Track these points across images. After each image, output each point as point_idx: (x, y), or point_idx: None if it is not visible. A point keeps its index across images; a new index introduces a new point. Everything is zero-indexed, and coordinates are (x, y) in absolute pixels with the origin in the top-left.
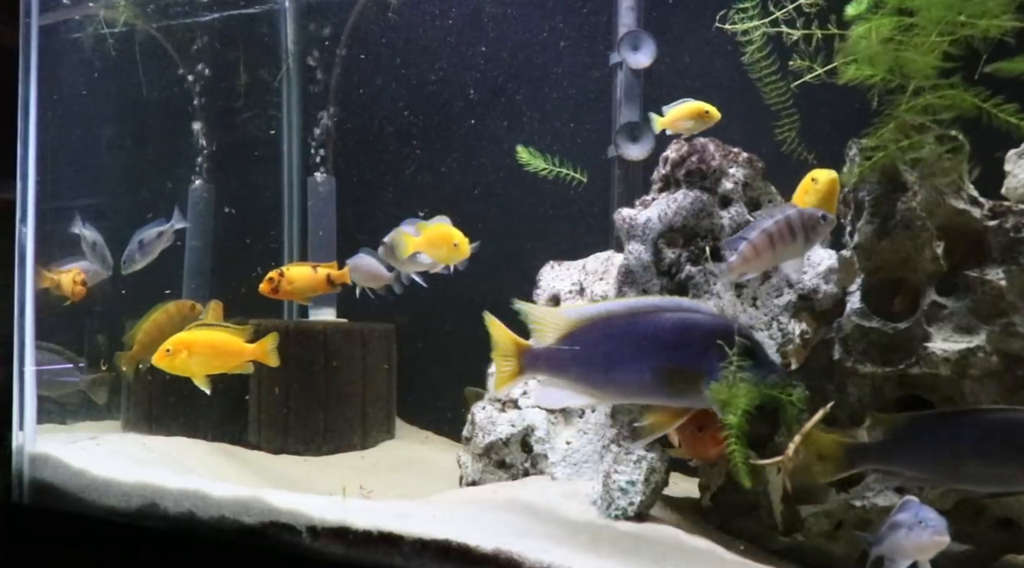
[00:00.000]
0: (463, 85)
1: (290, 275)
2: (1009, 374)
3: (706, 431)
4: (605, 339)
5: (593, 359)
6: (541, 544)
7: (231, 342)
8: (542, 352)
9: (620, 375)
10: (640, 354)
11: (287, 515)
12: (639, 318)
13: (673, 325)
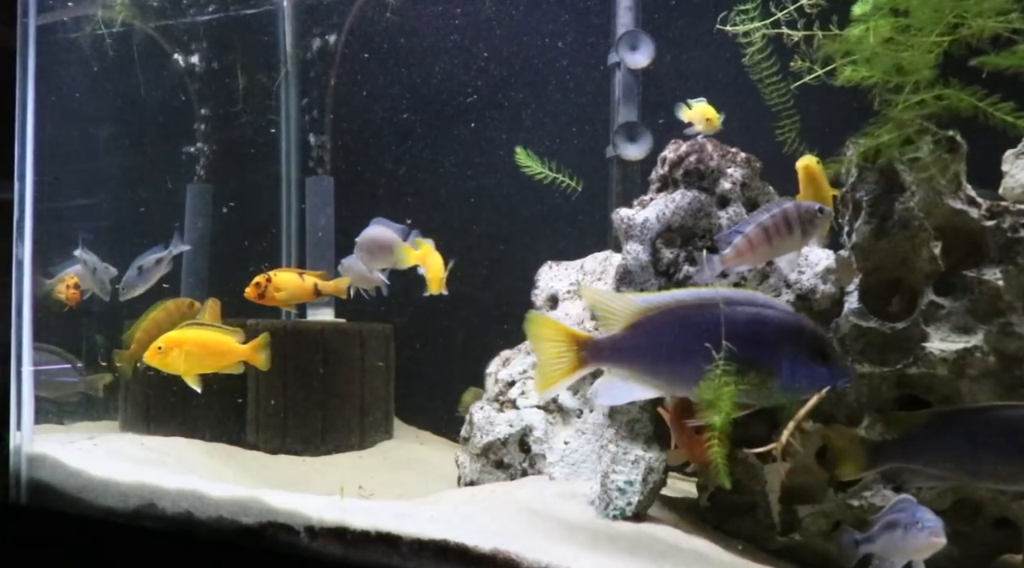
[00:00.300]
0: (462, 85)
1: (278, 281)
2: (1007, 374)
3: (705, 434)
4: (674, 329)
5: (662, 350)
6: (539, 544)
7: (222, 342)
8: (608, 342)
9: (688, 367)
10: (711, 346)
11: (285, 515)
12: (710, 309)
13: (746, 319)
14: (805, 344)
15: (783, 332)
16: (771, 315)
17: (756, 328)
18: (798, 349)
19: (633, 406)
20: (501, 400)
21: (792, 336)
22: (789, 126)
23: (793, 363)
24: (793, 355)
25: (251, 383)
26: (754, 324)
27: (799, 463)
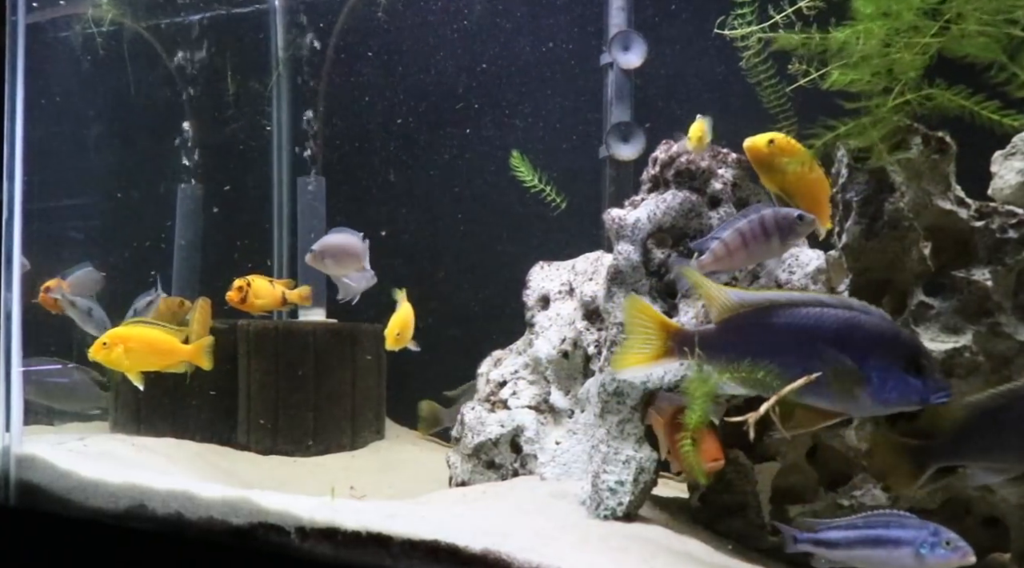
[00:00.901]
0: (454, 85)
1: (256, 288)
2: (995, 374)
3: (698, 445)
4: (765, 328)
5: (751, 347)
6: (530, 544)
7: (166, 341)
8: (699, 334)
9: (776, 368)
10: (800, 348)
11: (276, 516)
12: (803, 310)
13: (838, 322)
14: (899, 353)
15: (875, 339)
16: (864, 320)
17: (847, 333)
18: (891, 358)
19: (624, 406)
20: (492, 400)
21: (885, 344)
22: (787, 126)
23: (884, 373)
24: (885, 365)
25: (242, 383)
26: (845, 329)
27: (790, 463)
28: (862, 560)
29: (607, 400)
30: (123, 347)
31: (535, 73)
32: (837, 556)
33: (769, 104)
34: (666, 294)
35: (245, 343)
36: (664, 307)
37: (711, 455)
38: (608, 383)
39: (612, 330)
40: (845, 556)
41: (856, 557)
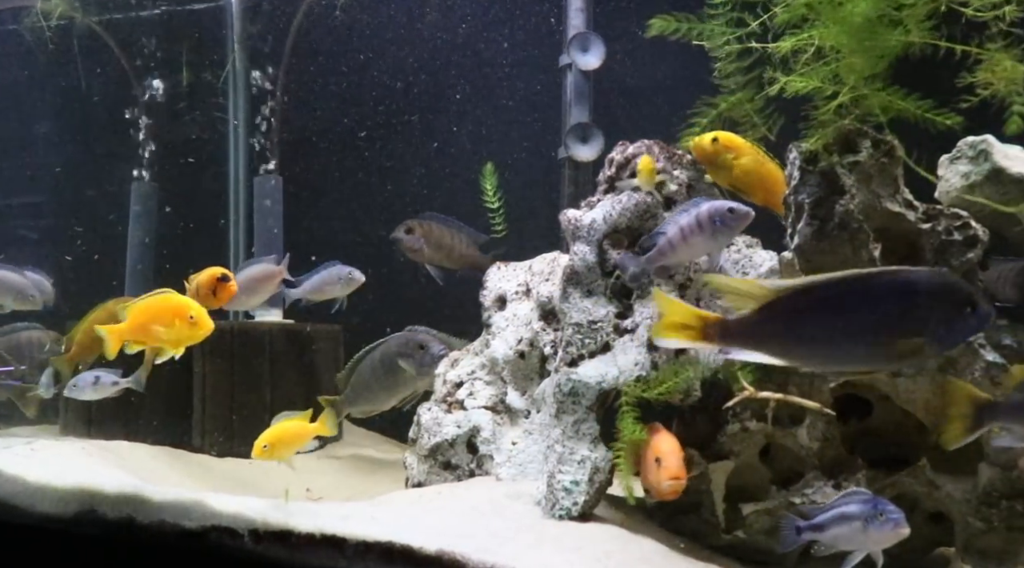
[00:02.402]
0: (412, 84)
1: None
2: (941, 373)
3: (663, 465)
4: (813, 307)
5: (800, 330)
6: (485, 544)
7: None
8: (738, 324)
9: (832, 345)
10: (856, 320)
11: (229, 518)
12: (849, 282)
13: (890, 287)
14: (957, 301)
15: (933, 295)
16: (916, 278)
17: (902, 294)
18: (950, 309)
19: (579, 406)
20: (449, 401)
21: (943, 297)
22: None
23: (947, 325)
24: (947, 317)
25: (197, 385)
26: (900, 290)
27: (743, 462)
28: (831, 539)
29: (562, 400)
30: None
31: (494, 73)
32: (825, 538)
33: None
34: (621, 295)
35: (200, 344)
36: (619, 308)
37: (671, 473)
38: (563, 384)
39: (568, 330)
40: (830, 537)
41: (830, 536)
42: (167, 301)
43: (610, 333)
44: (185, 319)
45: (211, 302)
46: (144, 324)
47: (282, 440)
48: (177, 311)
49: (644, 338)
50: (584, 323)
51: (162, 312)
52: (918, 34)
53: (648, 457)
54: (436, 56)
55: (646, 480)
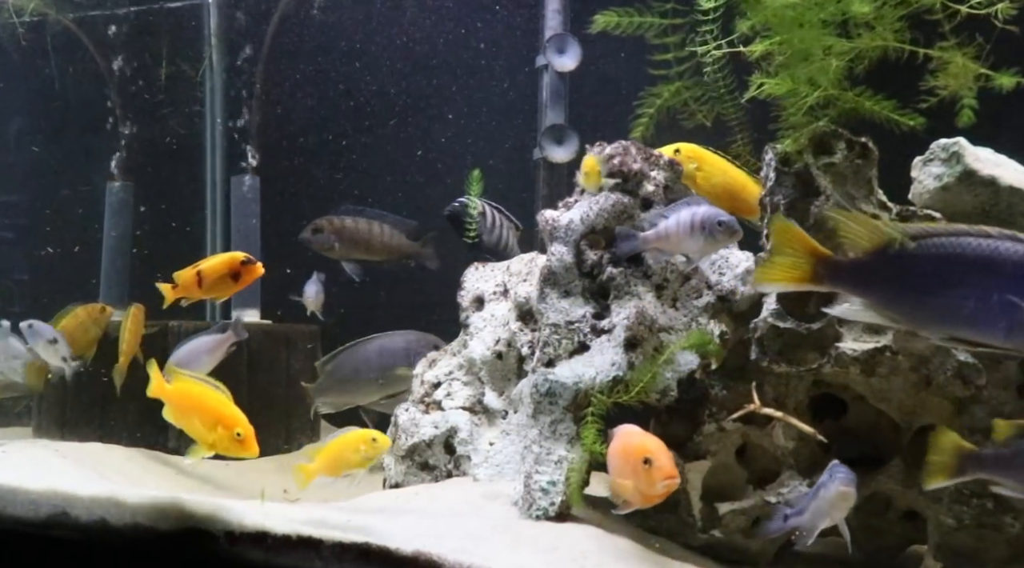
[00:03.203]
0: (390, 84)
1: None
2: (914, 373)
3: (654, 465)
4: (931, 260)
5: (914, 281)
6: (462, 545)
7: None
8: (851, 264)
9: (943, 303)
10: (976, 283)
11: (204, 520)
12: (975, 241)
13: (1017, 256)
14: None
15: None
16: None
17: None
18: None
19: (556, 407)
20: (427, 402)
21: None
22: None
23: None
24: None
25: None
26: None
27: (719, 461)
28: (810, 519)
29: (539, 401)
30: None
31: (471, 74)
32: (804, 521)
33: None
34: (599, 295)
35: (175, 345)
36: (596, 308)
37: (665, 472)
38: (540, 384)
39: (545, 331)
40: (808, 518)
41: (808, 516)
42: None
43: (587, 333)
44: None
45: (226, 288)
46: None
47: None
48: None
49: (621, 338)
50: (561, 323)
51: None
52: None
53: (631, 459)
54: (413, 57)
55: (629, 484)
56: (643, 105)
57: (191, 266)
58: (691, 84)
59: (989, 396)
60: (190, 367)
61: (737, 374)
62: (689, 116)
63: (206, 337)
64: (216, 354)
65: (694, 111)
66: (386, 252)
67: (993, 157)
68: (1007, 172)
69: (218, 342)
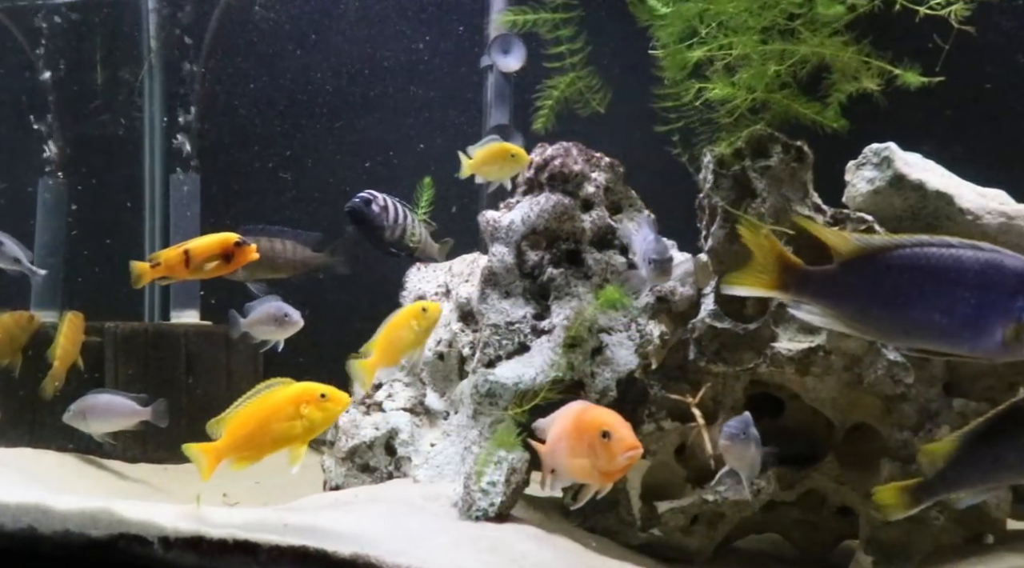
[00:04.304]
0: (334, 83)
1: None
2: (847, 371)
3: (614, 437)
4: (898, 270)
5: (881, 292)
6: (400, 547)
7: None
8: (820, 274)
9: (908, 314)
10: (942, 293)
11: (137, 526)
12: (940, 251)
13: (981, 264)
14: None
15: (1022, 278)
16: (1006, 260)
17: (992, 275)
18: None
19: (496, 407)
20: (367, 403)
21: None
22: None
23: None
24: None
25: (109, 387)
26: (990, 271)
27: (659, 461)
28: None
29: (480, 402)
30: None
31: (416, 74)
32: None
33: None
34: (539, 296)
35: (112, 347)
36: (536, 309)
37: (627, 443)
38: (481, 385)
39: (485, 331)
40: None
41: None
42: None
43: (527, 334)
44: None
45: (216, 269)
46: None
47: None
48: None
49: (561, 339)
50: (502, 324)
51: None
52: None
53: (586, 436)
54: (358, 55)
55: (585, 463)
56: (542, 97)
57: (176, 245)
58: (584, 75)
59: (917, 394)
60: (95, 419)
61: (676, 374)
62: (584, 105)
63: (126, 401)
64: (123, 424)
65: (588, 100)
66: (291, 268)
67: (921, 162)
68: (934, 177)
69: (133, 413)
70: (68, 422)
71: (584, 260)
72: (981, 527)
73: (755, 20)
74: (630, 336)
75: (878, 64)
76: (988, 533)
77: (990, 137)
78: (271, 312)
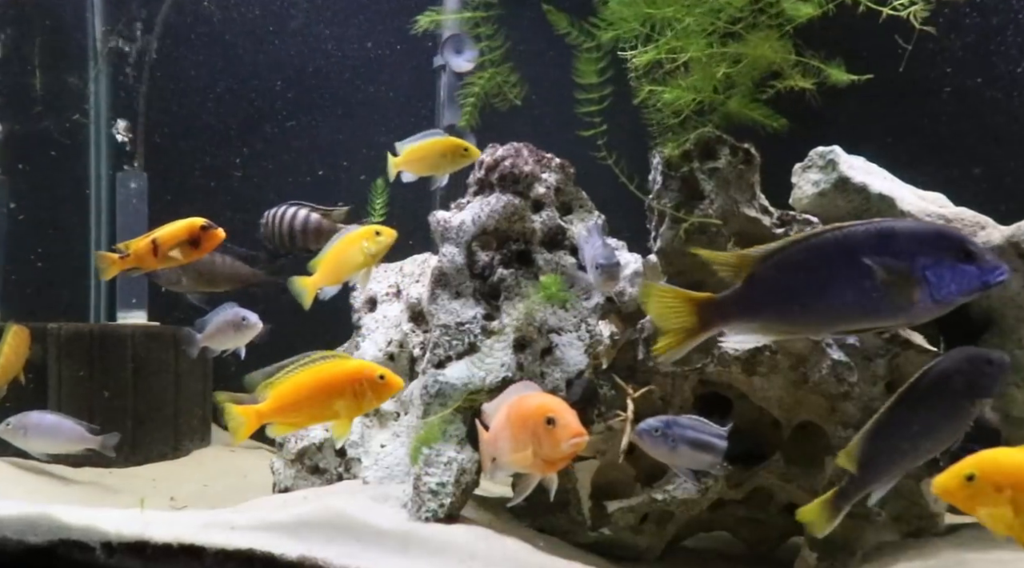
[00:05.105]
0: (285, 81)
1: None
2: (793, 371)
3: (559, 423)
4: (801, 267)
5: (791, 292)
6: (349, 549)
7: None
8: (732, 298)
9: (823, 302)
10: (844, 272)
11: (79, 532)
12: (829, 235)
13: (872, 233)
14: (946, 246)
15: (917, 238)
16: (898, 224)
17: (886, 241)
18: (939, 252)
19: (446, 408)
20: None
21: (928, 240)
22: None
23: (938, 269)
24: (935, 260)
25: (51, 392)
26: (883, 237)
27: (608, 460)
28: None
29: (429, 402)
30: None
31: (368, 73)
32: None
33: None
34: (489, 296)
35: (55, 348)
36: (486, 310)
37: (572, 430)
38: (430, 385)
39: (435, 332)
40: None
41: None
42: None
43: (477, 335)
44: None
45: (184, 255)
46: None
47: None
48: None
49: (511, 339)
50: (452, 325)
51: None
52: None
53: (529, 423)
54: (309, 54)
55: (528, 453)
56: (465, 94)
57: (144, 235)
58: (504, 70)
59: (860, 392)
60: (38, 438)
61: (626, 374)
62: (503, 99)
63: (75, 426)
64: (68, 448)
65: (506, 94)
66: (230, 282)
67: (865, 165)
68: (877, 180)
69: (81, 439)
70: (3, 436)
71: (534, 260)
72: (920, 523)
73: (700, 23)
74: (580, 336)
75: (813, 64)
76: (927, 528)
77: (930, 140)
78: (228, 319)
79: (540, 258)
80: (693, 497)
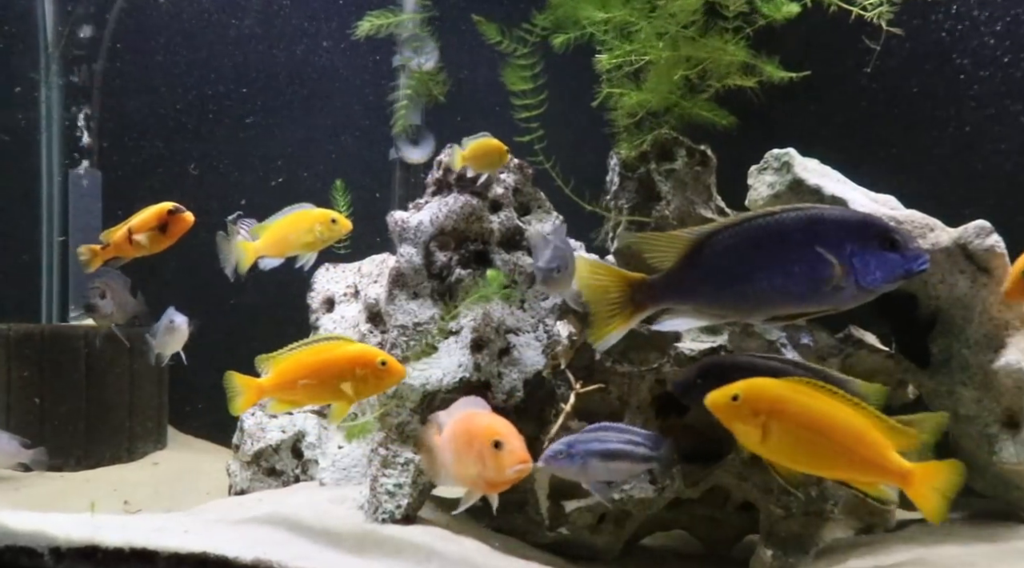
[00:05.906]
0: (242, 78)
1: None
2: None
3: (505, 448)
4: (732, 250)
5: (723, 275)
6: (304, 551)
7: None
8: (664, 280)
9: (753, 285)
10: (772, 258)
11: (26, 537)
12: (760, 221)
13: (801, 221)
14: (872, 234)
15: (844, 226)
16: (828, 213)
17: (815, 228)
18: (865, 240)
19: (403, 409)
20: None
21: (855, 228)
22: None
23: (864, 256)
24: (861, 248)
25: (1, 393)
26: (812, 224)
27: None
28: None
29: (386, 403)
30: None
31: (328, 72)
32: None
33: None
34: (447, 296)
35: (5, 349)
36: (444, 310)
37: (518, 456)
38: None
39: (393, 332)
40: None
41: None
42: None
43: (435, 335)
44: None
45: (156, 242)
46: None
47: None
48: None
49: (468, 340)
50: (409, 325)
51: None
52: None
53: (476, 443)
54: (267, 51)
55: (472, 472)
56: (400, 97)
57: (122, 223)
58: (435, 71)
59: None
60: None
61: (583, 374)
62: (430, 97)
63: (10, 440)
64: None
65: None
66: (129, 314)
67: (819, 168)
68: (830, 182)
69: (15, 454)
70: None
71: (492, 261)
72: (872, 519)
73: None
74: (538, 337)
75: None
76: (878, 524)
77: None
78: (165, 324)
79: (498, 258)
80: (650, 496)
